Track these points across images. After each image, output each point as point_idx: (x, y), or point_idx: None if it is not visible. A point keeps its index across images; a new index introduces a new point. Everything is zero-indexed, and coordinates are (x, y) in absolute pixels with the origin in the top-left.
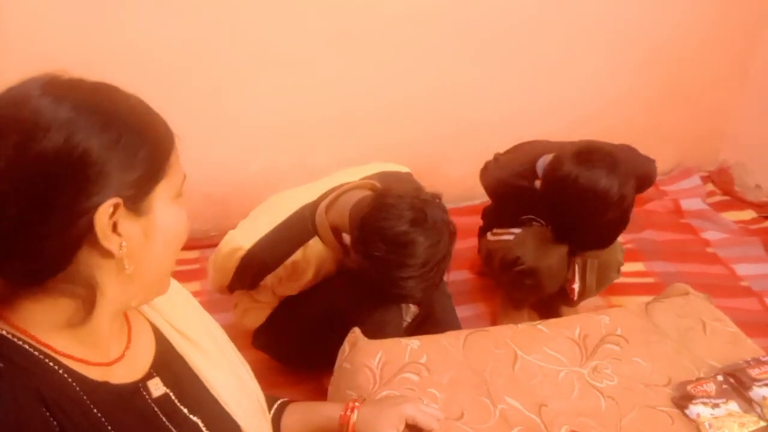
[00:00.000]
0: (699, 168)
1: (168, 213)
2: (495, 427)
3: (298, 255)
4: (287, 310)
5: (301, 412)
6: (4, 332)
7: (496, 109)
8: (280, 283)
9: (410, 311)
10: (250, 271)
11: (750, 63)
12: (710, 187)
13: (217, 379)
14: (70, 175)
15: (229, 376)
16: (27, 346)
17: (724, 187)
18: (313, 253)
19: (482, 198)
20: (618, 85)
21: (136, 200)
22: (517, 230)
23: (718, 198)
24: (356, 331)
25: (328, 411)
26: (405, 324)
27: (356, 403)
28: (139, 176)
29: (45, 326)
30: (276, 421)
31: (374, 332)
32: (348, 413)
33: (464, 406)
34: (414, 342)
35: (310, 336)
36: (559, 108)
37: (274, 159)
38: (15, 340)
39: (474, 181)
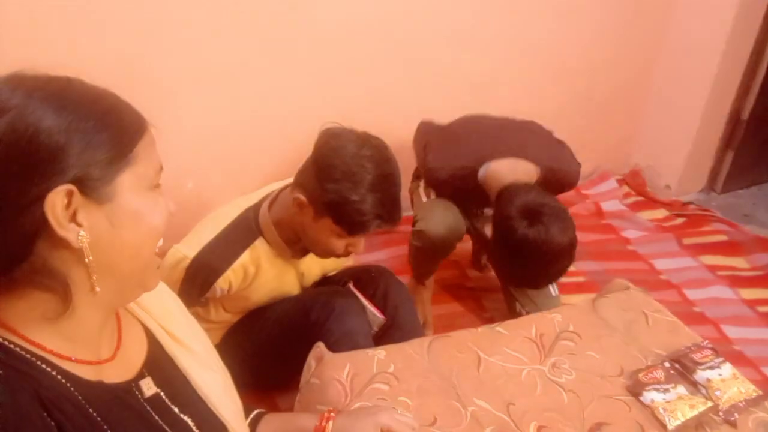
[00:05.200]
0: (614, 172)
1: (138, 202)
2: (468, 429)
3: (245, 257)
4: (243, 330)
5: (277, 423)
6: None
7: (421, 115)
8: (230, 296)
9: (377, 321)
10: (199, 279)
11: (653, 73)
12: (626, 189)
13: (205, 381)
14: (19, 159)
15: (216, 377)
16: (18, 349)
17: (638, 188)
18: (260, 254)
19: None
20: (535, 96)
21: (96, 187)
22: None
23: (633, 199)
24: (320, 346)
25: (303, 422)
26: (372, 333)
27: (332, 414)
28: (98, 161)
29: (31, 323)
30: (252, 431)
31: (345, 344)
32: (323, 423)
33: (436, 412)
34: (380, 352)
35: (269, 355)
36: None
37: (208, 177)
38: (6, 342)
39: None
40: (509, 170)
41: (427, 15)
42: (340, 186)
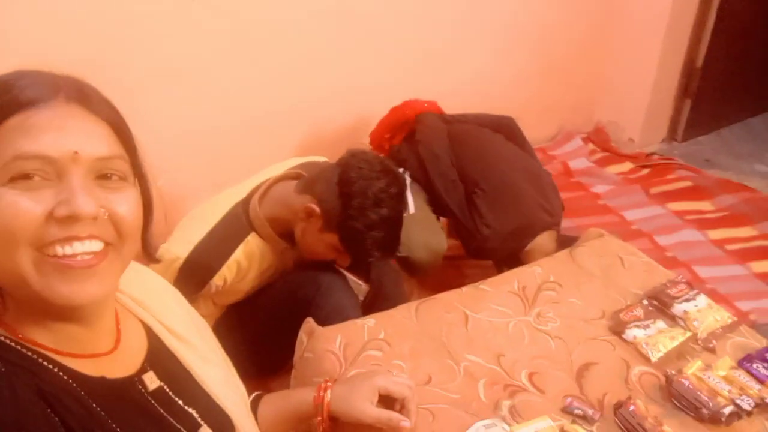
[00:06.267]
0: (579, 131)
1: None
2: (462, 384)
3: (239, 253)
4: (232, 319)
5: (274, 402)
6: None
7: (386, 94)
8: (223, 290)
9: (362, 289)
10: (194, 279)
11: (608, 31)
12: (591, 146)
13: (207, 374)
14: None
15: (218, 370)
16: (18, 346)
17: (602, 144)
18: (253, 248)
19: None
20: (494, 63)
21: None
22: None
23: (599, 155)
24: (310, 321)
25: (301, 395)
26: (360, 302)
27: (328, 383)
28: None
29: (24, 321)
30: (253, 414)
31: (334, 318)
32: (321, 393)
33: (430, 371)
34: (369, 320)
35: (261, 339)
36: (452, 90)
37: (180, 174)
38: (6, 340)
39: None
40: (549, 243)
41: None
42: (363, 215)
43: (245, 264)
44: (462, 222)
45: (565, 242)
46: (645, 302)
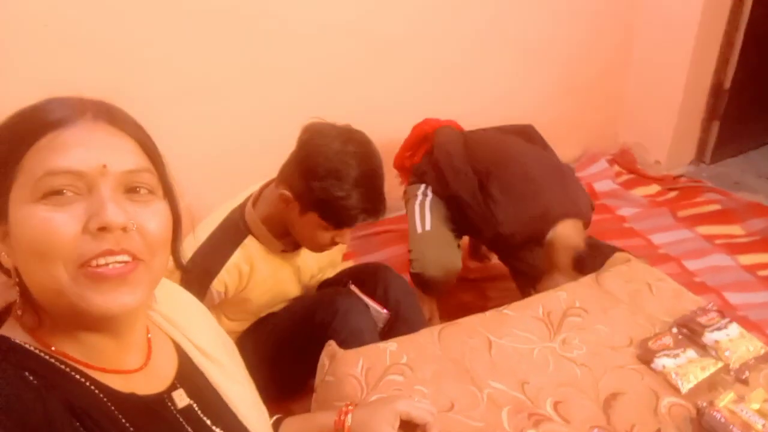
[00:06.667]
0: (603, 152)
1: (17, 217)
2: (486, 411)
3: (237, 257)
4: (249, 340)
5: (295, 425)
6: (29, 347)
7: (407, 113)
8: (229, 301)
9: (382, 317)
10: (194, 285)
11: (632, 51)
12: (616, 168)
13: (234, 393)
14: None
15: (245, 390)
16: (51, 359)
17: (628, 166)
18: (252, 252)
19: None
20: (518, 86)
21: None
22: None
23: (625, 177)
24: (332, 344)
25: (322, 419)
26: (378, 330)
27: (350, 407)
28: None
29: (58, 334)
30: None
31: (352, 342)
32: (342, 417)
33: (452, 397)
34: (391, 344)
35: (278, 362)
36: (473, 110)
37: (199, 194)
38: (39, 353)
39: (398, 192)
40: (575, 232)
41: (407, 15)
42: (326, 183)
43: (246, 269)
44: (477, 211)
45: (600, 249)
46: (674, 330)
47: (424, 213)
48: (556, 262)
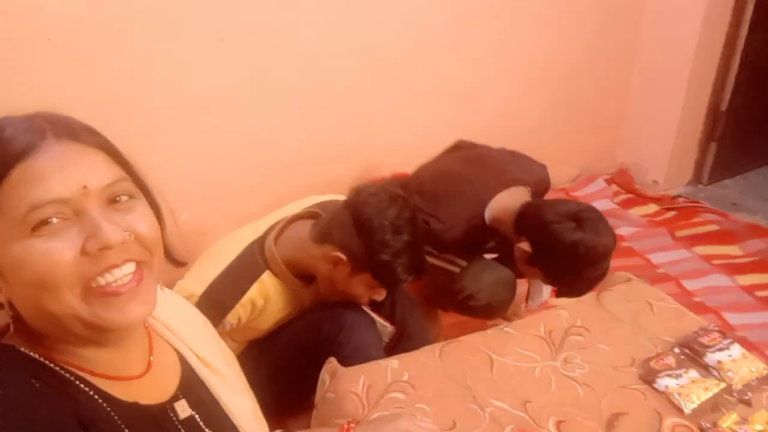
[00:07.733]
0: (601, 172)
1: (16, 253)
2: (488, 430)
3: (253, 291)
4: (253, 355)
5: None
6: (36, 356)
7: (409, 133)
8: (239, 328)
9: (387, 331)
10: (208, 316)
11: (631, 73)
12: (614, 188)
13: (236, 405)
14: None
15: (246, 402)
16: (58, 368)
17: (626, 186)
18: (268, 287)
19: None
20: (516, 106)
21: None
22: (461, 261)
23: (623, 197)
24: (333, 361)
25: None
26: (383, 344)
27: (351, 424)
28: None
29: (64, 345)
30: None
31: (357, 357)
32: None
33: (454, 416)
34: (393, 362)
35: (282, 377)
36: (473, 132)
37: (202, 209)
38: (47, 362)
39: None
40: (512, 198)
41: (409, 37)
42: (387, 246)
43: (260, 303)
44: (428, 237)
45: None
46: (677, 350)
47: (446, 257)
48: (506, 233)
